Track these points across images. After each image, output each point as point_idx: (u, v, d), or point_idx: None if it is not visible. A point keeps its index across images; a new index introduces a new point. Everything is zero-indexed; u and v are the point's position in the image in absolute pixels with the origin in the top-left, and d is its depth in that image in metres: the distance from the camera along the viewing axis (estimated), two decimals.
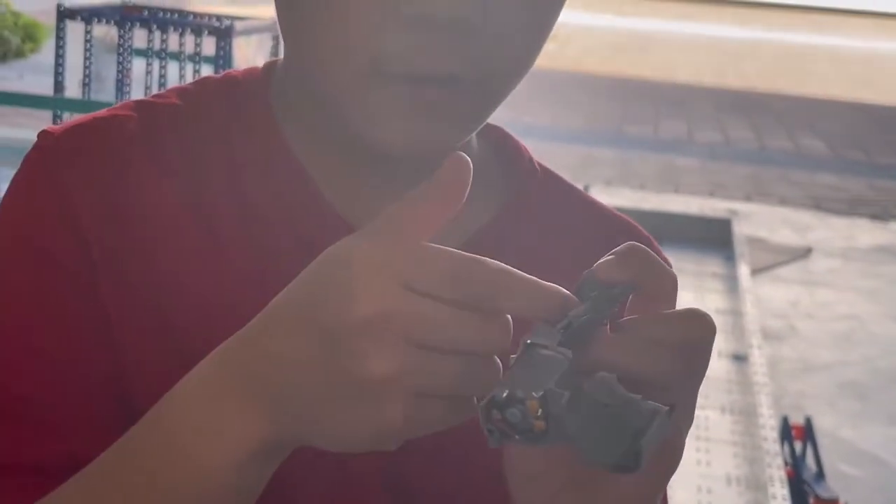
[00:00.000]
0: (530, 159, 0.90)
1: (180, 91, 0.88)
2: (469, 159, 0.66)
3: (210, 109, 0.86)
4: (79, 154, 0.82)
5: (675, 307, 0.69)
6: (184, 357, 0.72)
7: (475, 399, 0.62)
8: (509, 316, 0.63)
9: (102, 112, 0.86)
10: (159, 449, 0.69)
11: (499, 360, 0.63)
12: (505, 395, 0.58)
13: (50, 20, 6.73)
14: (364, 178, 0.84)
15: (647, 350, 0.65)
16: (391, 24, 0.73)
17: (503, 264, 0.63)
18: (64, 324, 0.79)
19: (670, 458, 0.68)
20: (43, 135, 0.84)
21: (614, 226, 0.92)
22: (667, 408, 0.59)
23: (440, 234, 0.84)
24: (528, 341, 0.61)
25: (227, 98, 0.86)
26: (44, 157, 0.83)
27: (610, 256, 0.68)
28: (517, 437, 0.59)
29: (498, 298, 0.62)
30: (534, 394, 0.58)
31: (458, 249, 0.83)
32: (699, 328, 0.67)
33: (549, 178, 0.91)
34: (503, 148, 0.90)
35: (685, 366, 0.66)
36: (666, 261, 0.85)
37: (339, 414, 0.63)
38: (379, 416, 0.62)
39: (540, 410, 0.58)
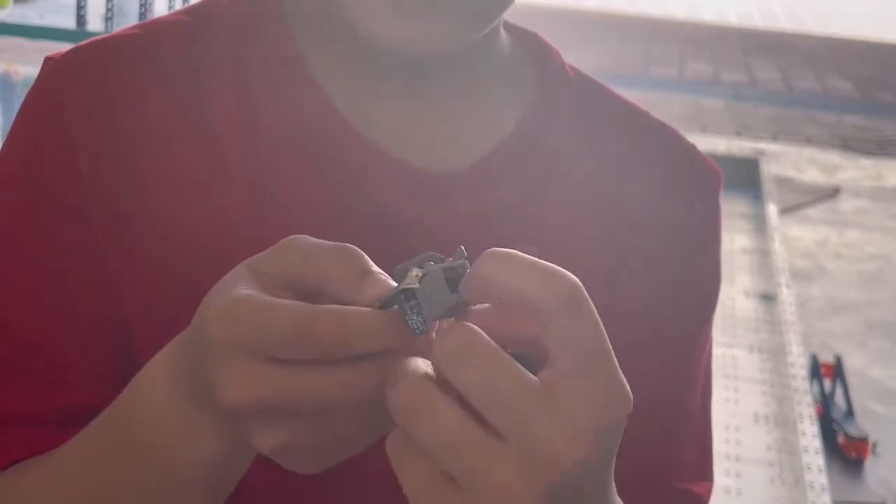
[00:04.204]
0: (562, 63, 0.88)
1: (189, 9, 0.84)
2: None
3: (220, 24, 0.82)
4: (78, 80, 0.79)
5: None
6: (183, 289, 0.70)
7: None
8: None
9: (106, 35, 0.83)
10: (127, 448, 0.67)
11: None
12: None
13: None
14: (381, 93, 0.81)
15: None
16: None
17: (338, 308, 0.59)
18: (65, 270, 0.77)
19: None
20: (45, 62, 0.80)
21: (649, 130, 0.89)
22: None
23: (469, 142, 0.82)
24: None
25: (238, 12, 0.83)
26: (44, 87, 0.80)
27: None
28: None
29: (345, 344, 0.59)
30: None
31: (487, 156, 0.82)
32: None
33: (582, 82, 0.89)
34: (534, 53, 0.88)
35: None
36: (710, 165, 0.89)
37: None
38: (292, 463, 0.62)
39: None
